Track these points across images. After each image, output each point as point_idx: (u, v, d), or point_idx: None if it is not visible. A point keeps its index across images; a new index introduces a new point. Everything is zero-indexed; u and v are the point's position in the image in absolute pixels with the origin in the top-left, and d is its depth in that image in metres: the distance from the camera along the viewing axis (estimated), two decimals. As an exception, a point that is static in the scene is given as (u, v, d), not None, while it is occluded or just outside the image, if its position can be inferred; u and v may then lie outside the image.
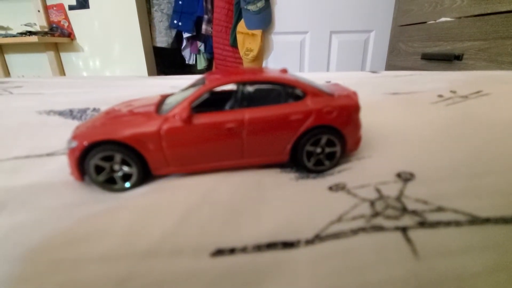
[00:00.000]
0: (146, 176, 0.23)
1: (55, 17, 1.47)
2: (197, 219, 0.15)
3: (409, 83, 0.33)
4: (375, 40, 1.49)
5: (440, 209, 0.11)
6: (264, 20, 1.40)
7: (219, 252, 0.11)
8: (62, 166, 0.23)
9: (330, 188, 0.15)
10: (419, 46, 1.10)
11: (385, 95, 0.27)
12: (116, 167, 0.22)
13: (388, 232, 0.10)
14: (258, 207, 0.15)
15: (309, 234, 0.11)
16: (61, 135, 0.27)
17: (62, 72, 1.57)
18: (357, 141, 0.21)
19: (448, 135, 0.18)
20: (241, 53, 1.45)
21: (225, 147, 0.21)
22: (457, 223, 0.10)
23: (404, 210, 0.11)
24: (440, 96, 0.24)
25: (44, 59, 1.53)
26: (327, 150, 0.20)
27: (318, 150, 0.20)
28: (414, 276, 0.08)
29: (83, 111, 0.35)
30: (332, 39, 1.51)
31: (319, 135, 0.20)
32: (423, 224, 0.10)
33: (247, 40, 1.43)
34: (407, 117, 0.22)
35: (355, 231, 0.10)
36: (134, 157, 0.22)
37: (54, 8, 1.45)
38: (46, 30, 1.44)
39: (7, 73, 1.59)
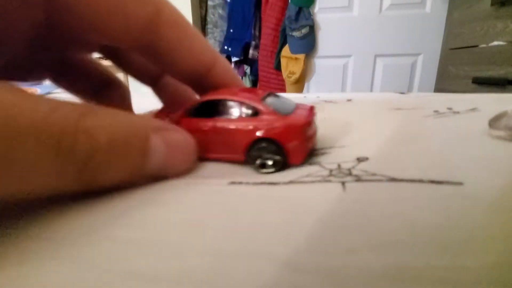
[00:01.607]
0: None
1: (127, 44, 1.73)
2: None
3: (419, 101, 0.35)
4: (423, 63, 1.45)
5: (373, 174, 0.16)
6: (308, 45, 1.47)
7: (233, 183, 0.18)
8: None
9: (310, 163, 0.21)
10: (471, 70, 1.05)
11: (388, 110, 0.30)
12: None
13: (333, 183, 0.16)
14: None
15: (287, 180, 0.18)
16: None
17: (128, 90, 1.82)
18: (300, 154, 0.23)
19: (416, 139, 0.23)
20: (284, 75, 1.53)
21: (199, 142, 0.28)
22: (380, 181, 0.16)
23: (350, 174, 0.16)
24: (436, 111, 0.27)
25: (115, 79, 1.80)
26: (271, 157, 0.24)
27: (261, 158, 0.25)
28: (341, 198, 0.15)
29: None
30: (377, 63, 1.51)
31: (262, 145, 0.24)
32: (358, 180, 0.15)
33: (290, 63, 1.50)
34: (394, 125, 0.26)
35: (313, 181, 0.17)
36: None
37: (127, 37, 1.72)
38: (119, 55, 1.70)
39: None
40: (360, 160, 0.20)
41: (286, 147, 0.24)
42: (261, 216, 0.15)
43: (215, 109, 0.30)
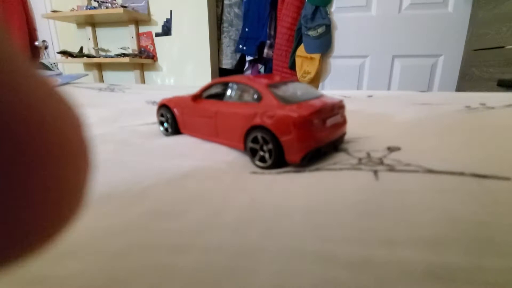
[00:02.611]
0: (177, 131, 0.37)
1: (144, 42, 1.75)
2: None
3: (447, 96, 0.33)
4: (444, 65, 1.40)
5: (407, 165, 0.14)
6: (324, 44, 1.45)
7: (255, 173, 0.20)
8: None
9: (336, 150, 0.20)
10: (496, 72, 1.01)
11: (414, 104, 0.29)
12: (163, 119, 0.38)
13: (363, 171, 0.14)
14: None
15: (313, 167, 0.17)
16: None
17: (143, 87, 1.84)
18: (299, 151, 0.20)
19: (451, 131, 0.21)
20: (298, 75, 1.51)
21: (206, 125, 0.30)
22: (415, 171, 0.14)
23: (381, 163, 0.15)
24: (468, 106, 0.26)
25: (130, 76, 1.82)
26: (264, 148, 0.22)
27: (257, 147, 0.23)
28: (374, 187, 0.13)
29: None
30: (395, 63, 1.47)
31: (256, 134, 0.22)
32: (391, 170, 0.14)
33: (305, 63, 1.48)
34: (423, 118, 0.25)
35: (341, 169, 0.15)
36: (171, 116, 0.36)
37: (144, 35, 1.74)
38: (136, 53, 1.73)
39: (102, 87, 1.92)
40: (391, 149, 0.19)
41: (281, 139, 0.20)
42: (287, 203, 0.14)
43: (225, 92, 0.29)
